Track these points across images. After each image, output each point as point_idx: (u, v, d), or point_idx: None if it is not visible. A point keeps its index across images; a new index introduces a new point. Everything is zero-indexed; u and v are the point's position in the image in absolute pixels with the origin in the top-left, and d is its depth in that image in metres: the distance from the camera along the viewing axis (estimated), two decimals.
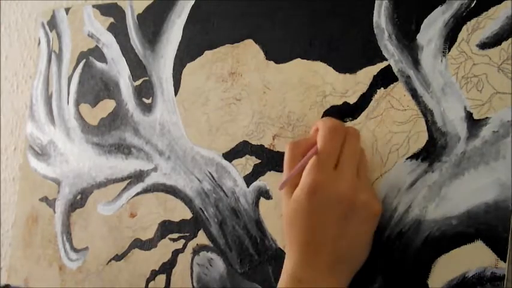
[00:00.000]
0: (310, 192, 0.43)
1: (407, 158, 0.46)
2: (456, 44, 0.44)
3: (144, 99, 0.66)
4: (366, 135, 0.48)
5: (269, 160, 0.54)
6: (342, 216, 0.43)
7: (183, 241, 0.60)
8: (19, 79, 0.86)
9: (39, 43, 0.80)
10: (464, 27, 0.44)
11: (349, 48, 0.50)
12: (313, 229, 0.43)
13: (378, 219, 0.45)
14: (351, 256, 0.44)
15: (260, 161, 0.55)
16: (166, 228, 0.62)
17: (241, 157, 0.56)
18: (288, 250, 0.45)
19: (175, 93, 0.63)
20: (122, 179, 0.67)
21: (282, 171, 0.53)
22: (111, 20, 0.71)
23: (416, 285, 0.44)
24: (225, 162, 0.57)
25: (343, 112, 0.50)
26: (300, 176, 0.45)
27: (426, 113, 0.45)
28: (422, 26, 0.46)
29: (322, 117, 0.51)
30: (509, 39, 0.42)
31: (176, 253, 0.60)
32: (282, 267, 0.46)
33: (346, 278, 0.44)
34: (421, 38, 0.46)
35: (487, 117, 0.42)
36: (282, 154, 0.53)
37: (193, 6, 0.62)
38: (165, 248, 0.61)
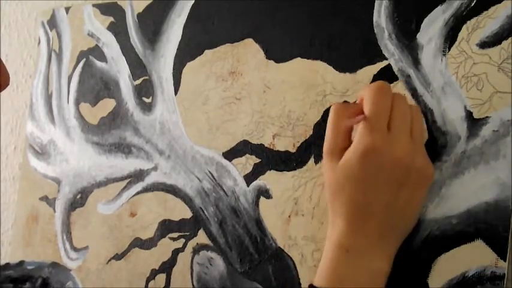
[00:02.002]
0: (363, 155, 0.40)
1: None
2: (456, 43, 0.44)
3: (144, 99, 0.66)
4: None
5: (269, 159, 0.54)
6: (396, 182, 0.40)
7: (183, 240, 0.60)
8: (19, 78, 0.86)
9: (39, 42, 0.80)
10: (464, 27, 0.44)
11: (349, 48, 0.50)
12: (364, 195, 0.41)
13: (431, 182, 0.43)
14: (402, 222, 0.42)
15: (260, 160, 0.55)
16: (166, 227, 0.62)
17: (241, 156, 0.56)
18: (332, 218, 0.42)
19: (176, 93, 0.63)
20: (122, 178, 0.67)
21: (281, 170, 0.53)
22: (111, 19, 0.71)
23: (416, 285, 0.44)
24: (225, 162, 0.57)
25: None
26: (347, 140, 0.42)
27: (426, 112, 0.45)
28: (422, 25, 0.46)
29: (323, 116, 0.51)
30: (509, 39, 0.42)
31: (176, 252, 0.60)
32: (282, 266, 0.46)
33: (396, 244, 0.42)
34: (421, 37, 0.46)
35: (487, 117, 0.42)
36: (282, 153, 0.53)
37: (193, 5, 0.62)
38: (165, 247, 0.61)
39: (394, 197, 0.41)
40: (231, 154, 0.57)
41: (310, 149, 0.51)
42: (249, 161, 0.56)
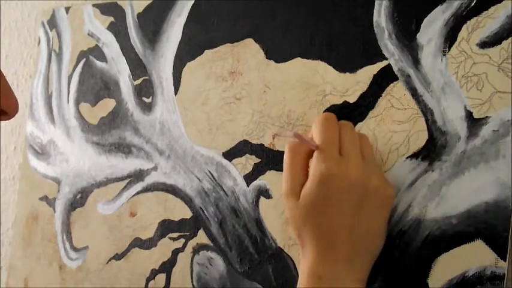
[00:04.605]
0: (320, 182, 0.42)
1: (407, 157, 0.46)
2: (456, 43, 0.44)
3: (144, 98, 0.66)
4: (366, 134, 0.48)
5: (269, 159, 0.54)
6: (356, 203, 0.42)
7: (183, 240, 0.60)
8: (19, 78, 0.86)
9: (39, 42, 0.80)
10: (465, 27, 0.44)
11: (349, 48, 0.50)
12: (327, 221, 0.42)
13: (392, 202, 0.44)
14: (368, 244, 0.43)
15: (260, 160, 0.55)
16: (166, 227, 0.62)
17: (241, 156, 0.56)
18: (302, 250, 0.44)
19: (175, 92, 0.63)
20: (122, 178, 0.67)
21: (281, 170, 0.53)
22: (111, 19, 0.71)
23: (416, 285, 0.44)
24: (225, 162, 0.57)
25: (343, 111, 0.50)
26: (305, 176, 0.44)
27: (426, 112, 0.45)
28: (422, 25, 0.46)
29: None
30: (509, 39, 0.42)
31: (176, 252, 0.60)
32: (281, 266, 0.46)
33: (367, 266, 0.43)
34: (421, 37, 0.46)
35: (487, 117, 0.42)
36: (282, 153, 0.53)
37: (193, 5, 0.62)
38: (165, 247, 0.61)
39: (356, 218, 0.42)
40: (231, 154, 0.57)
41: None
42: (249, 161, 0.56)
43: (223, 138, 0.58)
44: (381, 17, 0.48)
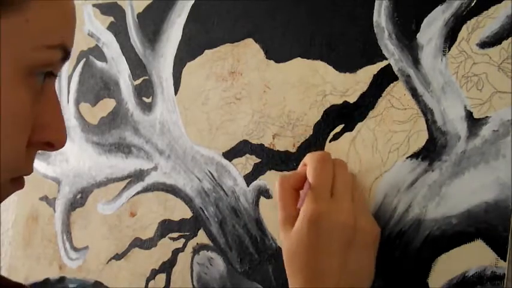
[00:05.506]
0: (311, 222, 0.43)
1: (407, 157, 0.46)
2: (456, 43, 0.44)
3: (144, 98, 0.66)
4: (366, 134, 0.48)
5: (269, 159, 0.54)
6: (345, 244, 0.43)
7: (183, 240, 0.60)
8: None
9: None
10: (465, 27, 0.44)
11: (349, 48, 0.50)
12: (317, 259, 0.43)
13: (378, 242, 0.45)
14: (356, 282, 0.44)
15: (260, 160, 0.55)
16: (166, 227, 0.62)
17: (241, 156, 0.56)
18: (291, 282, 0.45)
19: (176, 92, 0.63)
20: (122, 178, 0.67)
21: (281, 170, 0.53)
22: (111, 19, 0.71)
23: (416, 285, 0.44)
24: (225, 162, 0.57)
25: (343, 111, 0.50)
26: (297, 210, 0.45)
27: (426, 112, 0.45)
28: (422, 25, 0.46)
29: (322, 116, 0.51)
30: (510, 39, 0.42)
31: (176, 252, 0.60)
32: (281, 266, 0.46)
33: None
34: (421, 37, 0.46)
35: (487, 116, 0.42)
36: (282, 153, 0.53)
37: (193, 5, 0.62)
38: (165, 247, 0.61)
39: (345, 258, 0.43)
40: (231, 154, 0.57)
41: (310, 149, 0.51)
42: (249, 161, 0.56)
43: (223, 138, 0.58)
44: (381, 17, 0.48)
